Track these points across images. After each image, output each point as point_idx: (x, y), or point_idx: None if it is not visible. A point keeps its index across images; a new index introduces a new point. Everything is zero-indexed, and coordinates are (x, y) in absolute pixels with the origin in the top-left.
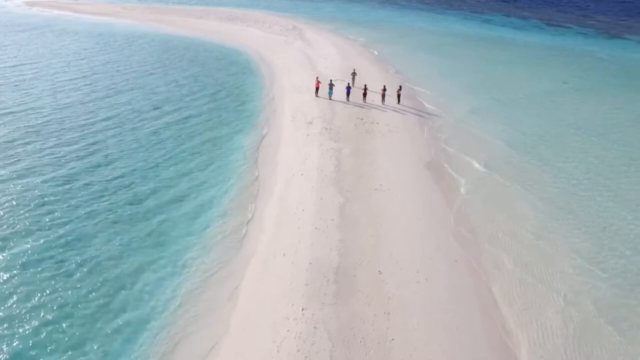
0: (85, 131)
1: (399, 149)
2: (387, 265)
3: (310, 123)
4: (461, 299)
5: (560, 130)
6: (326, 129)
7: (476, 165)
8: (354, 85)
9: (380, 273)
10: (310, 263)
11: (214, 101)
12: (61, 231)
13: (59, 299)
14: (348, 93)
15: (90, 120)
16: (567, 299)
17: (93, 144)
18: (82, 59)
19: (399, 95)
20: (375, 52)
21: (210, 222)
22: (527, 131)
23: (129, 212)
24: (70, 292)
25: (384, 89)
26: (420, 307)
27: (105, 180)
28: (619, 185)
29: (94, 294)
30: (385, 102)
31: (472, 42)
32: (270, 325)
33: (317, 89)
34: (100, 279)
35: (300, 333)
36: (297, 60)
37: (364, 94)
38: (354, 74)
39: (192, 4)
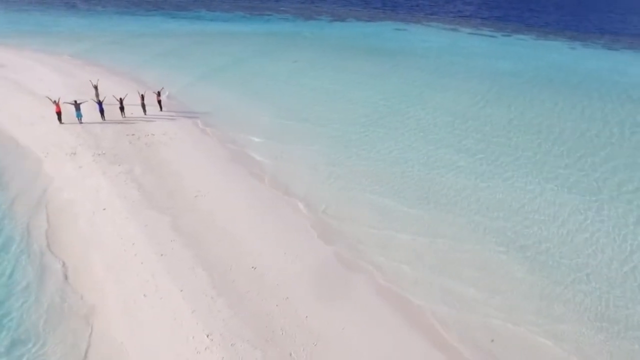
0: None
1: (191, 152)
2: (255, 259)
3: (74, 154)
4: (329, 262)
5: (273, 81)
6: (98, 154)
7: (256, 139)
8: (99, 99)
9: (255, 268)
10: (181, 290)
11: None
12: None
13: None
14: (101, 111)
15: None
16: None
17: None
18: None
19: (159, 102)
20: (98, 62)
21: (20, 306)
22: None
23: None
24: None
25: (142, 98)
26: (307, 282)
27: None
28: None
29: None
30: (147, 112)
31: (191, 37)
32: None
33: (59, 114)
34: None
35: (223, 357)
36: (4, 89)
37: (121, 108)
38: (96, 87)
39: None
